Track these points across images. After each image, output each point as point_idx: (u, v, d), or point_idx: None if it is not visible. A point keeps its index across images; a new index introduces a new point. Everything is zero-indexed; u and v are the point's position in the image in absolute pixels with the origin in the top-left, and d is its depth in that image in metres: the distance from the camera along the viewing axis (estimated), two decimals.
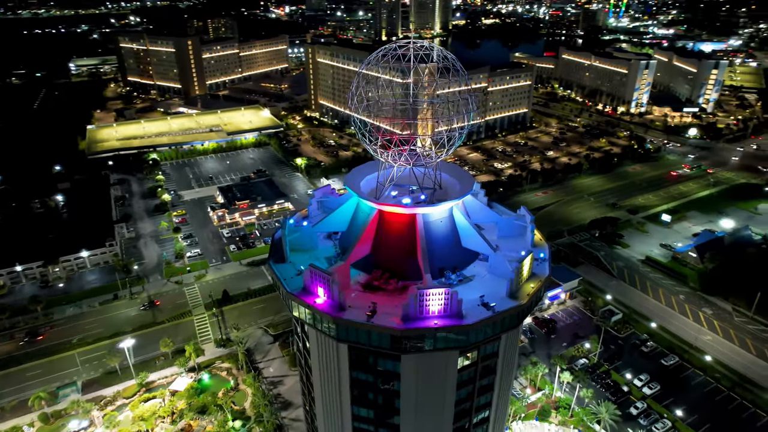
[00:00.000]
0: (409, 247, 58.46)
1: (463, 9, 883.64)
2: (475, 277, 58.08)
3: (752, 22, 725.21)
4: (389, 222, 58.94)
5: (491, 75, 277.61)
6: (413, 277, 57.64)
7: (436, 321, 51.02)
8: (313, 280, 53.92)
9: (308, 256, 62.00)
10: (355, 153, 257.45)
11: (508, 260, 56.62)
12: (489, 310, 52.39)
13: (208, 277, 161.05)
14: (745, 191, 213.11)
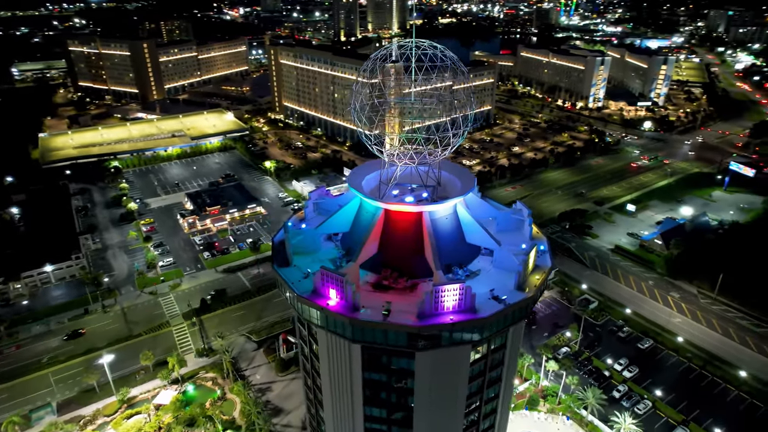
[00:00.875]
0: (416, 245, 58.92)
1: (420, 9, 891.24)
2: (481, 272, 59.11)
3: (691, 20, 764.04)
4: (396, 221, 59.21)
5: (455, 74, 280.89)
6: (421, 275, 58.11)
7: (452, 316, 51.70)
8: (324, 282, 53.55)
9: (311, 259, 61.51)
10: (323, 154, 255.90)
11: (514, 254, 57.95)
12: (501, 303, 53.55)
13: (183, 286, 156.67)
14: (700, 180, 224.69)
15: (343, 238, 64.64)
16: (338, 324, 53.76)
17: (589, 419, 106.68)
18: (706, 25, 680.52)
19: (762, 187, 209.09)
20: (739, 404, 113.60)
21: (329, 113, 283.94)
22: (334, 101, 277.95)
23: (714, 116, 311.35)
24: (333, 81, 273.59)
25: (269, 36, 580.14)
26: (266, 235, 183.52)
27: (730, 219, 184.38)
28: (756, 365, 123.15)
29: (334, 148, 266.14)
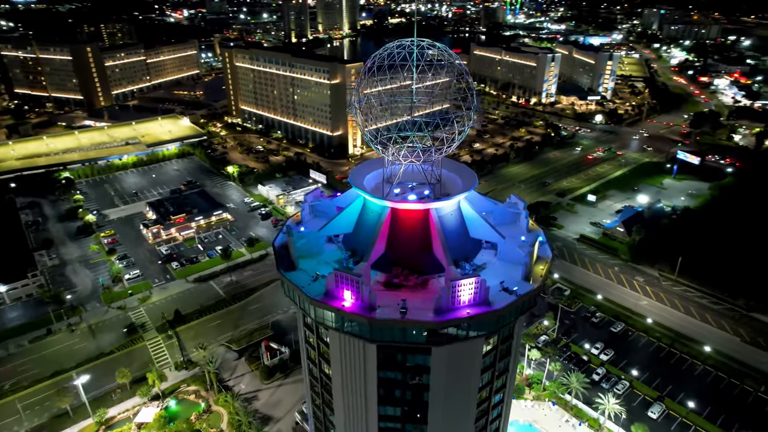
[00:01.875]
0: (424, 242, 59.46)
1: (369, 9, 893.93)
2: (487, 265, 60.32)
3: (627, 19, 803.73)
4: (403, 219, 59.49)
5: None
6: (431, 271, 58.76)
7: (468, 310, 52.56)
8: (339, 284, 53.19)
9: (316, 261, 60.91)
10: (286, 157, 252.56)
11: (518, 246, 59.55)
12: (512, 294, 54.92)
13: (153, 298, 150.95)
14: (651, 169, 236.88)
15: (346, 239, 64.30)
16: (355, 325, 53.56)
17: (573, 403, 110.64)
18: (641, 23, 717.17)
19: (707, 174, 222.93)
20: (705, 377, 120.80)
21: (289, 115, 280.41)
22: (293, 103, 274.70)
23: (657, 108, 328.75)
24: (292, 83, 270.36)
25: (218, 38, 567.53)
26: (235, 241, 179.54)
27: (682, 205, 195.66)
28: (717, 340, 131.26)
29: (297, 150, 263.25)
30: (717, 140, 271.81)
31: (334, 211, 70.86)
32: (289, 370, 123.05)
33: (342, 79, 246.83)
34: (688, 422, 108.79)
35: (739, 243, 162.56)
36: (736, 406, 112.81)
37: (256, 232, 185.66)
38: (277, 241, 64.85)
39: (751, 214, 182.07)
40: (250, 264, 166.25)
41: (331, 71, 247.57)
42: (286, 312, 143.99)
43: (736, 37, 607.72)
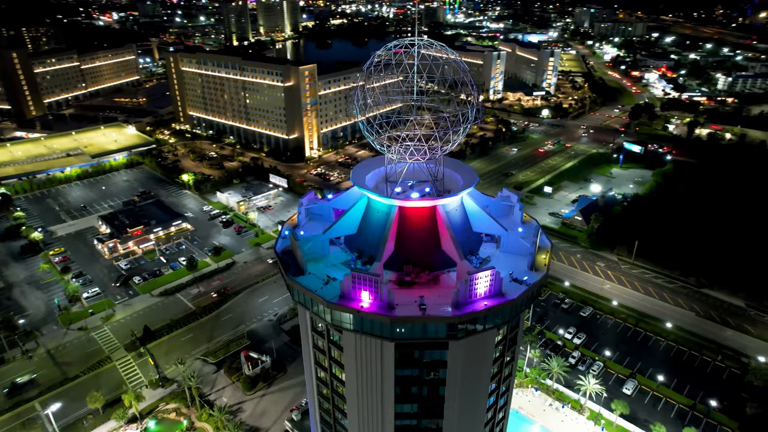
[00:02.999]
0: (432, 238, 60.13)
1: (309, 10, 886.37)
2: (491, 258, 61.81)
3: (560, 17, 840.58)
4: (411, 217, 59.86)
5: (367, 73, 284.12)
6: (440, 267, 59.55)
7: (485, 302, 53.70)
8: (356, 285, 52.88)
9: (323, 265, 60.25)
10: (242, 163, 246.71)
11: (522, 237, 61.48)
12: (522, 284, 56.62)
13: (117, 316, 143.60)
14: (599, 159, 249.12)
15: (349, 240, 63.87)
16: (375, 324, 53.43)
17: (555, 387, 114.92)
18: (573, 21, 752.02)
19: (650, 162, 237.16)
20: (669, 352, 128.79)
21: (241, 120, 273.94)
22: (246, 107, 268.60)
23: (598, 102, 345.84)
24: (243, 87, 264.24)
25: (156, 43, 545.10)
26: (198, 251, 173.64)
27: (631, 192, 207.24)
28: (676, 317, 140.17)
29: (252, 155, 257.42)
30: (654, 130, 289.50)
31: (331, 213, 70.39)
32: (272, 378, 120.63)
33: (296, 81, 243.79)
34: (659, 395, 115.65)
35: (685, 225, 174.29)
36: (698, 375, 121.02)
37: (219, 240, 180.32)
38: (279, 247, 63.58)
39: (692, 197, 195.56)
40: (217, 273, 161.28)
41: (284, 74, 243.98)
42: (260, 320, 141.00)
43: (658, 34, 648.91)
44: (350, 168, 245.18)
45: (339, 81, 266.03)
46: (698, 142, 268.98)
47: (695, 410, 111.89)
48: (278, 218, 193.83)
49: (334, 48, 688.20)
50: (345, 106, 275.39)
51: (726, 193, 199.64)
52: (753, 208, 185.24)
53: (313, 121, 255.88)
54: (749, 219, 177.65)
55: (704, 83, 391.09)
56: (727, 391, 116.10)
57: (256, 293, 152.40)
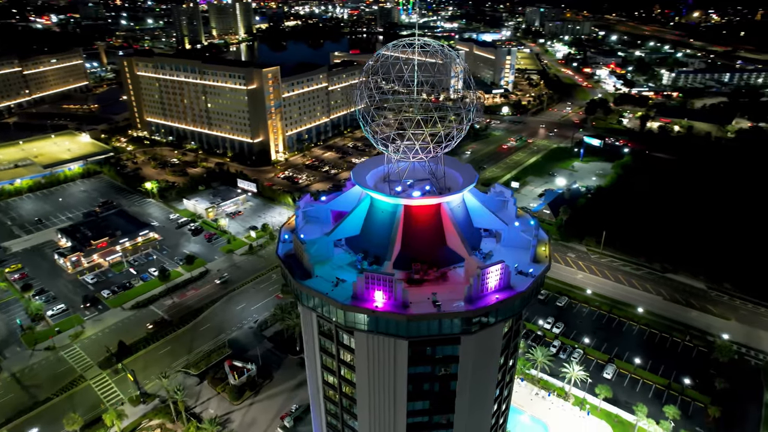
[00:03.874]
0: (438, 235, 60.67)
1: (262, 12, 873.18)
2: (493, 252, 62.94)
3: (511, 17, 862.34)
4: (417, 215, 60.16)
5: (330, 74, 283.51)
6: (446, 263, 60.20)
7: (497, 295, 54.66)
8: (369, 285, 52.73)
9: (329, 267, 59.75)
10: (206, 169, 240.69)
11: (522, 230, 63.02)
12: (528, 276, 58.02)
13: (87, 332, 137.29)
14: (560, 154, 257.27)
15: (351, 241, 63.49)
16: (390, 323, 53.44)
17: (539, 377, 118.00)
18: (524, 21, 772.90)
19: (609, 154, 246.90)
20: (642, 335, 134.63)
21: (203, 125, 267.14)
22: (207, 112, 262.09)
23: (554, 98, 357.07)
24: (204, 90, 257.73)
25: (103, 46, 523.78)
26: (169, 261, 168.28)
27: (594, 184, 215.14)
28: (645, 301, 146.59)
29: (216, 160, 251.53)
30: (609, 124, 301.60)
31: (328, 216, 69.93)
32: (259, 386, 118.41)
33: (259, 83, 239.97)
34: (637, 377, 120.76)
35: (646, 213, 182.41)
36: (670, 356, 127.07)
37: (189, 249, 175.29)
38: (281, 251, 62.59)
39: (650, 187, 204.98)
40: (191, 283, 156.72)
41: (247, 76, 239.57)
42: (240, 328, 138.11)
43: (604, 32, 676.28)
44: (318, 170, 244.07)
45: (302, 83, 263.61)
46: (650, 135, 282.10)
47: (670, 389, 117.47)
48: (249, 224, 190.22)
49: (289, 50, 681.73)
50: (309, 108, 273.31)
51: (682, 182, 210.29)
52: (707, 196, 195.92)
53: (278, 124, 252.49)
54: (704, 206, 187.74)
55: (650, 79, 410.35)
56: (697, 369, 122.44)
57: (233, 301, 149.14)
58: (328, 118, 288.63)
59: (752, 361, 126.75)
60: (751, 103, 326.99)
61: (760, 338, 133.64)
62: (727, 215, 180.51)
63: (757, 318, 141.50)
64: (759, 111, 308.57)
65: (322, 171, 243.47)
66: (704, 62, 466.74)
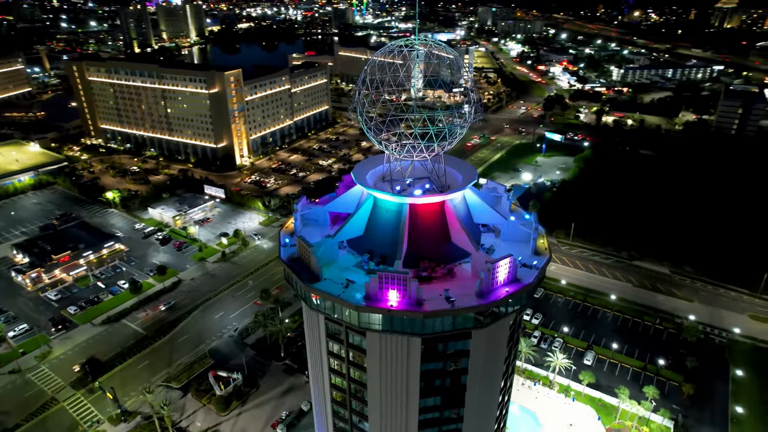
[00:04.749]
0: (443, 232, 61.19)
1: (213, 15, 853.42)
2: (494, 246, 64.05)
3: (464, 16, 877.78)
4: (421, 214, 60.43)
5: (292, 76, 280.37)
6: (452, 259, 60.81)
7: (507, 288, 55.66)
8: (383, 285, 52.62)
9: (336, 269, 59.22)
10: (169, 176, 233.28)
11: (522, 224, 64.48)
12: (533, 269, 59.42)
13: (55, 352, 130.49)
14: (523, 150, 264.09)
15: (355, 242, 63.09)
16: (405, 322, 53.50)
17: (524, 367, 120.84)
18: (478, 20, 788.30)
19: (570, 149, 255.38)
20: (616, 321, 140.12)
21: (163, 131, 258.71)
22: (167, 117, 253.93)
23: (512, 95, 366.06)
24: (163, 95, 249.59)
25: (44, 51, 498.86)
26: (139, 272, 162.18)
27: (558, 178, 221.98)
28: (616, 289, 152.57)
29: (179, 167, 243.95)
30: (566, 119, 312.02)
31: (326, 218, 69.38)
32: (246, 395, 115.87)
33: (221, 87, 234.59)
34: (615, 361, 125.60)
35: (610, 204, 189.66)
36: (643, 339, 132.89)
37: (159, 259, 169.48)
38: (284, 255, 61.55)
39: (612, 178, 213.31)
40: (164, 294, 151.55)
41: (208, 80, 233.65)
42: (220, 337, 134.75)
43: (554, 31, 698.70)
44: (285, 173, 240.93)
45: (265, 85, 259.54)
46: (606, 128, 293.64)
47: (647, 371, 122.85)
48: (219, 230, 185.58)
49: (243, 53, 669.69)
50: (273, 110, 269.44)
51: (641, 173, 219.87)
52: (666, 186, 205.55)
53: (241, 128, 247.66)
54: (664, 195, 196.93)
55: (601, 75, 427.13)
56: (669, 350, 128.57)
57: (211, 310, 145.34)
58: (292, 120, 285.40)
59: (716, 339, 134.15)
60: (694, 97, 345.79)
61: (721, 317, 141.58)
62: (685, 203, 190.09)
63: (716, 298, 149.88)
64: (701, 104, 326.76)
65: (290, 174, 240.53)
66: (649, 59, 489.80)
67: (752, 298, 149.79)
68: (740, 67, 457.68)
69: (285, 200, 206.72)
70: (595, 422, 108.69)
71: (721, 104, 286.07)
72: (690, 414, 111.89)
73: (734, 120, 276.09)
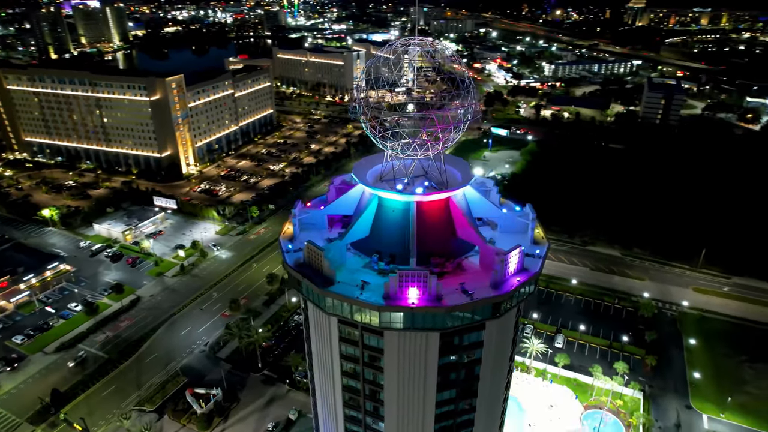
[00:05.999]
0: (449, 228, 61.96)
1: (136, 18, 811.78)
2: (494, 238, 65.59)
3: (396, 17, 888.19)
4: (428, 211, 60.84)
5: (235, 81, 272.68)
6: (459, 254, 61.77)
7: (518, 278, 57.30)
8: (403, 283, 52.61)
9: (347, 271, 58.55)
10: (111, 189, 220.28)
11: (518, 216, 66.60)
12: (536, 257, 61.56)
13: (4, 387, 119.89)
14: (471, 145, 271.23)
15: (361, 243, 62.51)
16: (427, 318, 53.77)
17: None
18: (410, 20, 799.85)
19: (515, 143, 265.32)
20: (579, 304, 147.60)
21: (100, 142, 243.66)
22: (103, 127, 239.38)
23: None
24: (98, 104, 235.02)
25: None
26: (91, 293, 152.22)
27: (508, 172, 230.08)
28: (575, 273, 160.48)
29: (121, 179, 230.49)
30: (507, 114, 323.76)
31: (323, 221, 68.50)
32: (227, 411, 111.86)
33: (163, 94, 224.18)
34: (583, 342, 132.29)
35: (561, 193, 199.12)
36: (606, 319, 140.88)
37: (112, 277, 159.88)
38: (290, 261, 60.02)
39: (558, 169, 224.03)
40: (122, 313, 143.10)
41: (149, 87, 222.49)
42: (191, 353, 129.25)
43: (485, 30, 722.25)
44: (236, 180, 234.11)
45: (208, 91, 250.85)
46: (545, 122, 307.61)
47: (612, 348, 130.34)
48: (174, 243, 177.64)
49: (172, 58, 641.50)
50: (217, 116, 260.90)
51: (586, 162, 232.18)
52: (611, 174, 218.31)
53: (186, 136, 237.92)
54: (610, 182, 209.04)
55: (534, 71, 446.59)
56: (630, 327, 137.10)
57: (176, 326, 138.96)
58: (237, 125, 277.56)
59: (668, 313, 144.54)
60: (620, 90, 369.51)
61: (670, 293, 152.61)
62: (629, 189, 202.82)
63: (664, 276, 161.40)
64: (627, 96, 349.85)
65: (241, 181, 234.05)
66: (575, 55, 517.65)
67: (693, 273, 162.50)
68: (656, 62, 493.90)
69: (240, 208, 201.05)
70: (573, 401, 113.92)
71: (645, 96, 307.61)
72: (654, 383, 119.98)
73: (658, 110, 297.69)
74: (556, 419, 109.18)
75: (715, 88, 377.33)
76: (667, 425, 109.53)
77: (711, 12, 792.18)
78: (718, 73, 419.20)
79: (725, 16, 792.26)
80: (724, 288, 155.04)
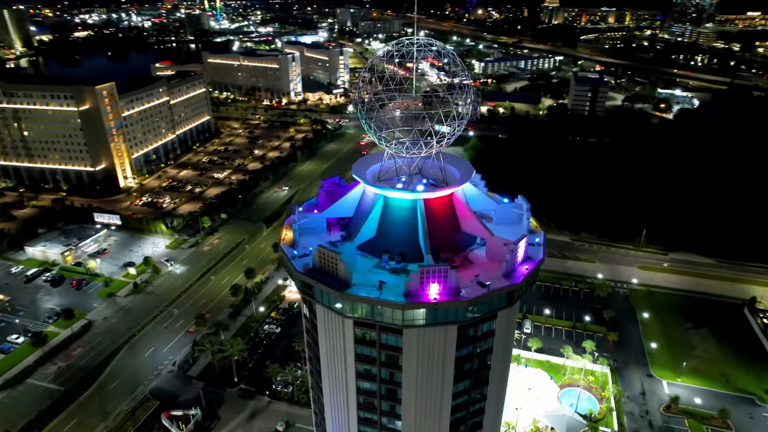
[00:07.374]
0: (455, 223, 62.72)
1: (39, 22, 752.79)
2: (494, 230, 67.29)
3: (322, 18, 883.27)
4: (434, 208, 61.17)
5: (169, 87, 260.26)
6: (465, 247, 62.79)
7: (526, 266, 59.11)
8: (424, 280, 52.70)
9: (358, 273, 57.79)
10: (39, 207, 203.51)
11: (512, 207, 68.81)
12: (537, 246, 63.87)
13: None
14: None
15: (368, 244, 61.84)
16: (449, 312, 54.22)
17: None
18: (337, 21, 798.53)
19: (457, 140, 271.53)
20: (540, 289, 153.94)
21: (20, 158, 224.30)
22: (24, 141, 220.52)
23: None
24: (16, 116, 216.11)
25: None
26: (33, 322, 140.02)
27: None
28: None
29: (51, 197, 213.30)
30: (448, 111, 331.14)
31: (322, 225, 67.36)
32: (209, 431, 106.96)
33: (93, 103, 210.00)
34: (549, 325, 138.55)
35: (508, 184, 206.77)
36: (566, 301, 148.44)
37: (56, 302, 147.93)
38: (299, 268, 58.37)
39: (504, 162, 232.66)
40: (74, 341, 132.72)
41: (77, 96, 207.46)
42: (159, 374, 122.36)
43: (412, 30, 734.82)
44: (180, 191, 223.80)
45: (142, 99, 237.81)
46: (483, 117, 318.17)
47: (576, 328, 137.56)
48: (121, 261, 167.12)
49: (86, 65, 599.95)
50: (153, 125, 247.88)
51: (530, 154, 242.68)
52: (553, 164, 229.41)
53: (122, 147, 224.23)
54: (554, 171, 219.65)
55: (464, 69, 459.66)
56: (588, 307, 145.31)
57: (138, 347, 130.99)
58: (175, 134, 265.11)
59: (621, 291, 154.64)
60: (548, 85, 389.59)
61: (619, 272, 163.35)
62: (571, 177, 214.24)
63: (612, 257, 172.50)
64: (555, 91, 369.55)
65: (186, 191, 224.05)
66: (501, 52, 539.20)
67: (637, 252, 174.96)
68: (575, 57, 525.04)
69: (189, 219, 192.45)
70: (548, 382, 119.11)
71: (573, 89, 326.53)
72: (618, 357, 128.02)
73: (586, 102, 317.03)
74: (535, 401, 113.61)
75: (630, 81, 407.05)
76: (634, 394, 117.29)
77: (616, 11, 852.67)
78: (628, 68, 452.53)
79: (628, 15, 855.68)
80: (664, 263, 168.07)
